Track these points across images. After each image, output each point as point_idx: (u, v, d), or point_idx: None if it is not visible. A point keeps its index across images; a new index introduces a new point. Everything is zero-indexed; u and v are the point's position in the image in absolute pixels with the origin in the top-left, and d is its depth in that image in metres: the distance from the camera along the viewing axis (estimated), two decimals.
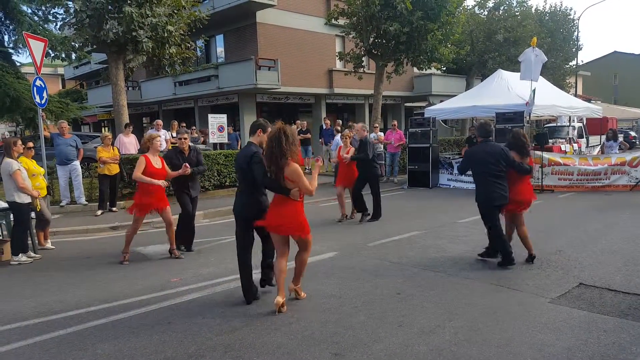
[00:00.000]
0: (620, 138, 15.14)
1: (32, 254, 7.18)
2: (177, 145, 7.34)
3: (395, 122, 16.29)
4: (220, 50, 24.52)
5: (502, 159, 5.96)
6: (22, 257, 6.95)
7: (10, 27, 15.24)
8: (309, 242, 4.89)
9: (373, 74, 19.73)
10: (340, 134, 12.96)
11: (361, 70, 19.55)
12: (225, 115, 16.73)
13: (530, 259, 6.15)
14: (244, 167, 4.78)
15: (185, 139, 7.23)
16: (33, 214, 7.42)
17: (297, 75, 22.76)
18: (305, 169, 17.96)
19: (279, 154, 4.51)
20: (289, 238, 4.85)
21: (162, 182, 6.63)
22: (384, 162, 15.97)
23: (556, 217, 9.29)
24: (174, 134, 14.79)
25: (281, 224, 4.66)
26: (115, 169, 10.34)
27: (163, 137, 13.44)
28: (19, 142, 7.14)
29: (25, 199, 6.94)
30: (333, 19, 18.92)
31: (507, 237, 6.29)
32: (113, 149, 10.43)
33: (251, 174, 4.73)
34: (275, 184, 4.64)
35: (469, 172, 6.57)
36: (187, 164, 6.84)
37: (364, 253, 6.89)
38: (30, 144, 7.67)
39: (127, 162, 11.21)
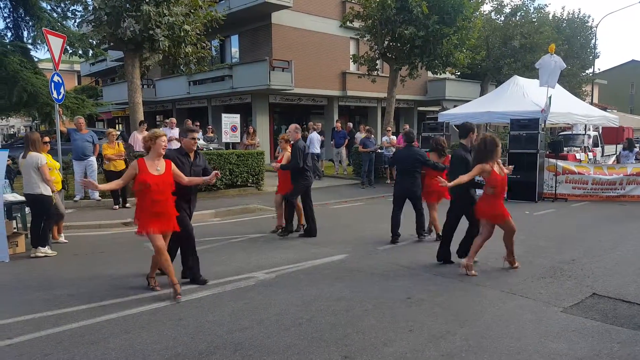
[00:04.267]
0: (637, 148, 14.93)
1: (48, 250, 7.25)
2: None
3: (407, 126, 16.25)
4: (234, 50, 24.64)
5: (417, 161, 7.51)
6: (48, 250, 7.03)
7: (30, 23, 15.45)
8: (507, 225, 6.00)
9: (387, 77, 19.70)
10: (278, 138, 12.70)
11: (375, 73, 19.53)
12: (238, 115, 16.80)
13: (428, 232, 8.10)
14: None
15: (197, 139, 5.86)
16: None
17: (310, 77, 22.79)
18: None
19: (479, 158, 5.86)
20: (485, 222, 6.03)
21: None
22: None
23: (570, 226, 9.19)
24: None
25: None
26: (120, 165, 10.38)
27: (177, 134, 13.52)
28: (45, 137, 7.33)
29: (50, 192, 7.11)
30: (348, 22, 18.94)
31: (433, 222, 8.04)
32: (118, 145, 10.48)
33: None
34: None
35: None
36: (217, 172, 5.70)
37: (375, 256, 6.87)
38: (47, 139, 7.77)
39: None
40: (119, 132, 12.58)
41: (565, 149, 15.65)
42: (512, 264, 6.18)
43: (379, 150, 15.62)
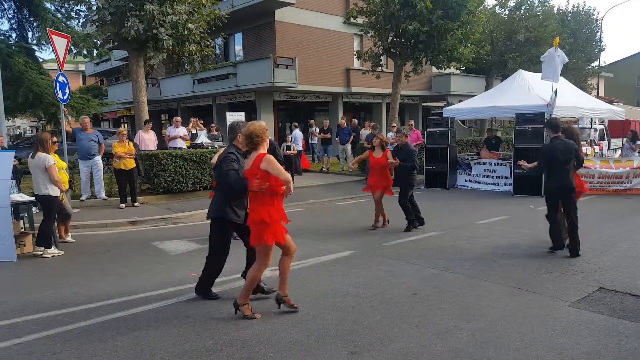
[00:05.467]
0: None
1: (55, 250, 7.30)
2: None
3: (412, 122, 16.17)
4: (238, 48, 24.65)
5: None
6: (54, 250, 7.08)
7: (34, 23, 15.57)
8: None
9: (391, 73, 19.63)
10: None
11: (379, 69, 19.46)
12: (243, 113, 16.81)
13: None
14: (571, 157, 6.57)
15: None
16: None
17: (314, 74, 22.78)
18: (323, 168, 17.98)
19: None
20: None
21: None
22: None
23: None
24: (193, 131, 14.92)
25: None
26: (131, 164, 10.42)
27: (182, 133, 13.55)
28: (54, 137, 7.34)
29: (58, 192, 7.13)
30: (352, 18, 18.88)
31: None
32: (128, 144, 10.53)
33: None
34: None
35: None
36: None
37: (380, 252, 6.87)
38: (54, 139, 7.81)
39: (147, 159, 11.34)
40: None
41: None
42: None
43: None
